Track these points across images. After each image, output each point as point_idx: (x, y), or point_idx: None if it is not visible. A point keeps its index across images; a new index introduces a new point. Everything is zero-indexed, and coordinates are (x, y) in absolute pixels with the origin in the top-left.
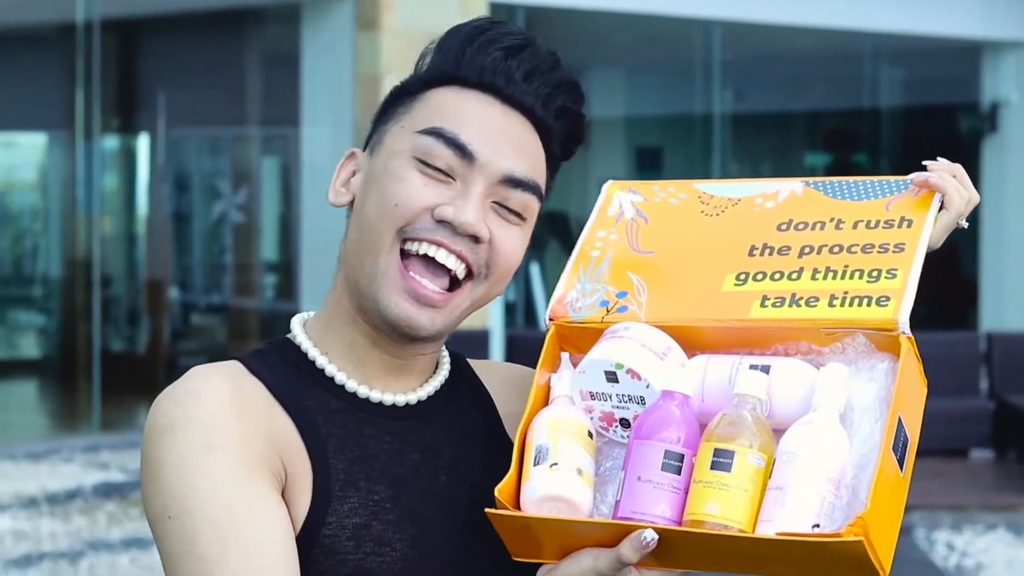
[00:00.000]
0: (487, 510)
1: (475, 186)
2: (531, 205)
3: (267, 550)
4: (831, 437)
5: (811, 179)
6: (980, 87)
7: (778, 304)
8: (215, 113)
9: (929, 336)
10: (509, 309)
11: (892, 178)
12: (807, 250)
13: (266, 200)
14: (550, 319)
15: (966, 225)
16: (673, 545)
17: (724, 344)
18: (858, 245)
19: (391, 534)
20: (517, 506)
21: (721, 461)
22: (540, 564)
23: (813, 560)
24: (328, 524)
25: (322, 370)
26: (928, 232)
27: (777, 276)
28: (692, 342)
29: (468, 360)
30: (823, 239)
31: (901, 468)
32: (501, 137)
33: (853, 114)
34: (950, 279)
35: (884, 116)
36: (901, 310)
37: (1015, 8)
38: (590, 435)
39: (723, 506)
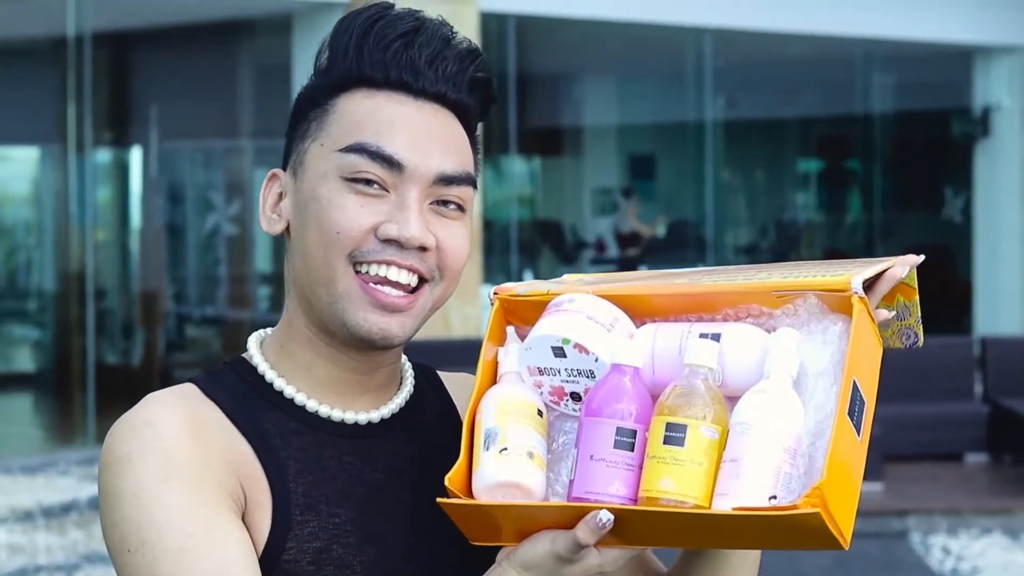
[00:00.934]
0: (439, 500)
1: (410, 194)
2: (467, 195)
3: None
4: (785, 405)
5: (764, 265)
6: (972, 92)
7: (728, 280)
8: (208, 125)
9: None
10: None
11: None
12: (766, 270)
13: (259, 212)
14: (494, 294)
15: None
16: (630, 523)
17: (673, 311)
18: (821, 267)
19: (352, 557)
20: (469, 493)
21: (674, 436)
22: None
23: (772, 532)
24: (288, 550)
25: (280, 392)
26: (891, 261)
27: (732, 274)
28: (640, 311)
29: (439, 373)
30: (782, 271)
31: (858, 433)
32: (424, 137)
33: (846, 120)
34: (944, 284)
35: (876, 122)
36: (856, 276)
37: (1006, 13)
38: (540, 413)
39: (678, 482)
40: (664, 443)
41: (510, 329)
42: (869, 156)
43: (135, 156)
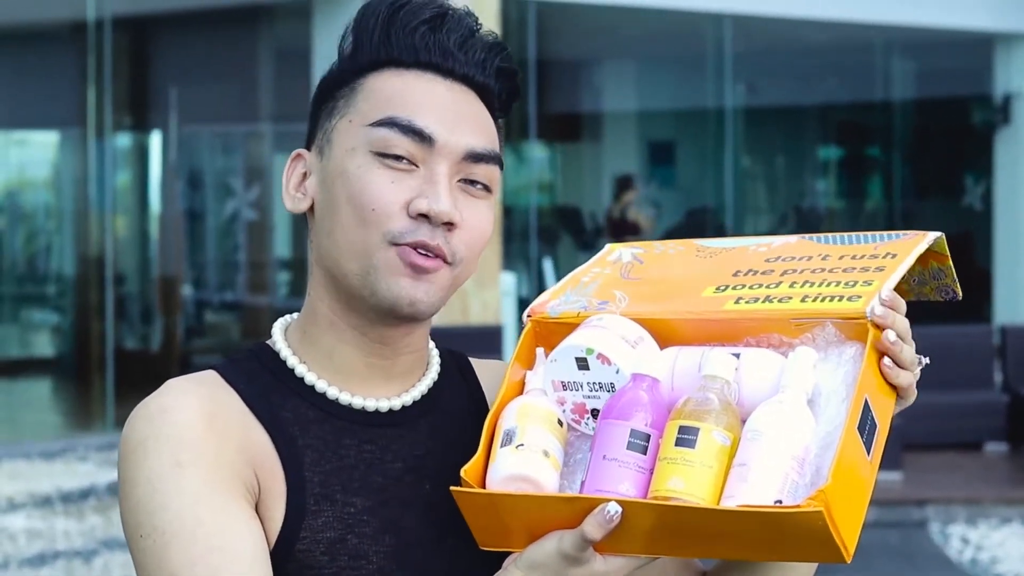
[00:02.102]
0: (452, 488)
1: (439, 169)
2: (495, 175)
3: (237, 565)
4: (796, 416)
5: (809, 234)
6: (992, 79)
7: (751, 302)
8: (227, 110)
9: (943, 329)
10: (522, 304)
11: (887, 232)
12: (789, 271)
13: (279, 197)
14: (528, 316)
15: (926, 360)
16: (635, 523)
17: (696, 338)
18: (840, 269)
19: (367, 546)
20: (483, 487)
21: (685, 438)
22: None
23: (775, 536)
24: (302, 539)
25: (301, 378)
26: (911, 261)
27: (756, 286)
28: (666, 337)
29: (472, 360)
30: (808, 266)
31: (868, 452)
32: (454, 114)
33: (865, 107)
34: (963, 272)
35: (897, 109)
36: (871, 303)
37: None
38: (560, 423)
39: (687, 482)
40: (676, 445)
41: (539, 350)
42: (889, 143)
43: (155, 141)
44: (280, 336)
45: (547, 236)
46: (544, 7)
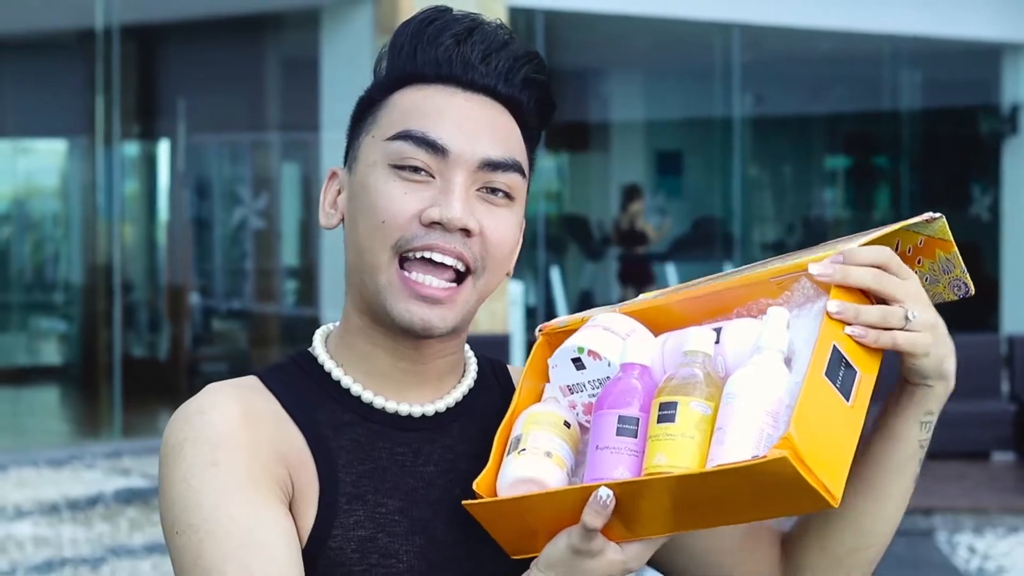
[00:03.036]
0: (464, 502)
1: (455, 179)
2: (516, 183)
3: (269, 562)
4: (768, 372)
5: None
6: (1000, 89)
7: (736, 273)
8: (235, 119)
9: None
10: (530, 313)
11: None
12: (791, 257)
13: (286, 206)
14: (539, 331)
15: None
16: (631, 504)
17: (692, 318)
18: (830, 246)
19: (398, 545)
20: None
21: (666, 413)
22: None
23: (758, 492)
24: (333, 537)
25: (338, 382)
26: (894, 228)
27: (747, 270)
28: (662, 322)
29: (509, 367)
30: (808, 253)
31: (847, 398)
32: (470, 124)
33: (873, 117)
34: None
35: (904, 119)
36: (843, 247)
37: None
38: (567, 424)
39: (669, 455)
40: (658, 422)
41: (550, 361)
42: (897, 153)
43: (163, 149)
44: (320, 343)
45: (555, 245)
46: (552, 17)
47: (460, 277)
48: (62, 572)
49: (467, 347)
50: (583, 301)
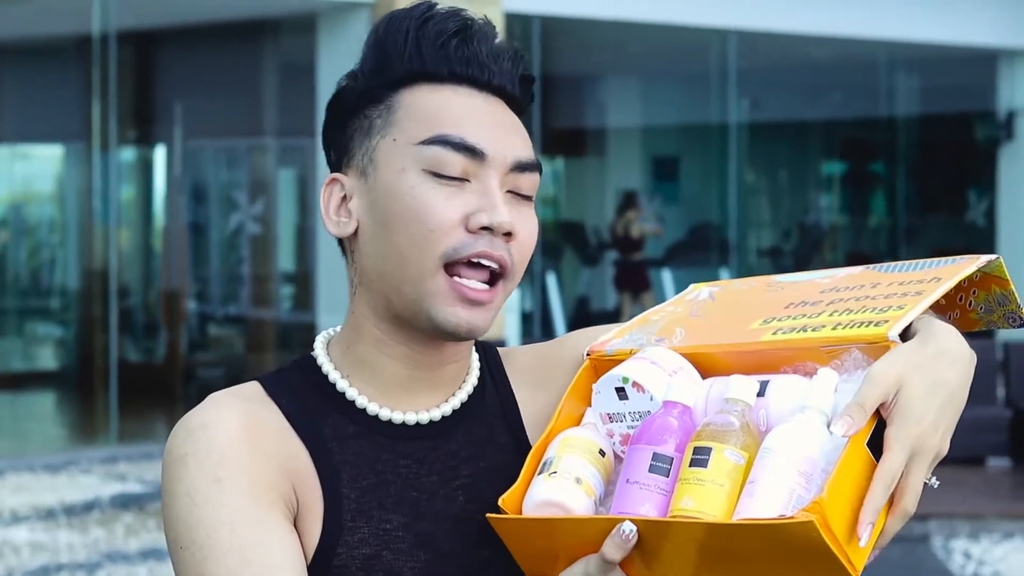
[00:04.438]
0: (488, 515)
1: (491, 182)
2: (536, 182)
3: None
4: (808, 432)
5: (877, 264)
6: (996, 95)
7: (787, 332)
8: (231, 124)
9: None
10: (526, 318)
11: (946, 258)
12: (836, 300)
13: (283, 211)
14: (587, 354)
15: (935, 483)
16: (653, 543)
17: (737, 370)
18: (883, 295)
19: (402, 563)
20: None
21: (699, 458)
22: None
23: (779, 552)
24: (338, 555)
25: (342, 393)
26: (950, 285)
27: (798, 316)
28: (709, 369)
29: (500, 352)
30: (854, 295)
31: None
32: (498, 127)
33: (869, 123)
34: None
35: (900, 125)
36: (895, 327)
37: None
38: (602, 453)
39: (697, 500)
40: (690, 465)
41: (595, 386)
42: (893, 159)
43: (159, 154)
44: (322, 350)
45: (551, 251)
46: (548, 22)
47: (493, 279)
48: None
49: (474, 351)
50: (579, 307)
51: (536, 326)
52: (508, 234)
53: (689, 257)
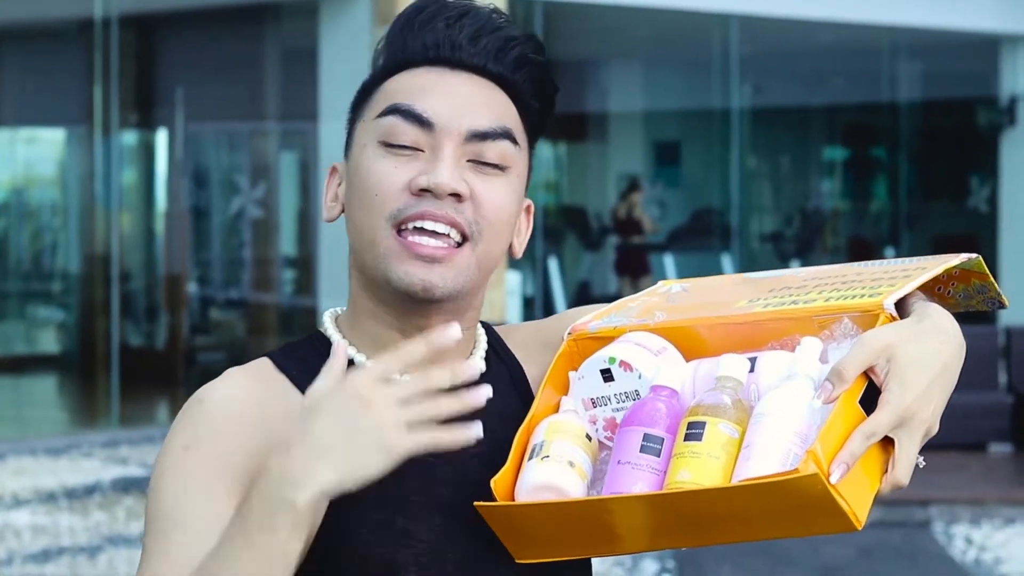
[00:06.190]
0: (476, 503)
1: (443, 149)
2: (507, 151)
3: (189, 543)
4: (800, 396)
5: (857, 263)
6: (999, 81)
7: (776, 306)
8: (233, 108)
9: None
10: (527, 303)
11: (935, 256)
12: (822, 285)
13: (284, 195)
14: (568, 334)
15: (922, 463)
16: (652, 516)
17: (723, 346)
18: (870, 280)
19: (417, 525)
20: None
21: (693, 432)
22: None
23: (781, 509)
24: (349, 520)
25: (351, 359)
26: (938, 270)
27: (784, 296)
28: (693, 347)
29: (497, 329)
30: (841, 281)
31: None
32: (457, 99)
33: (871, 108)
34: None
35: (903, 110)
36: (891, 297)
37: None
38: (588, 438)
39: (694, 472)
40: (684, 440)
41: (572, 374)
42: (895, 145)
43: (161, 138)
44: (330, 323)
45: (553, 235)
46: (551, 7)
47: (458, 244)
48: (59, 561)
49: (479, 326)
50: (581, 291)
51: (538, 310)
52: (457, 196)
53: (691, 242)
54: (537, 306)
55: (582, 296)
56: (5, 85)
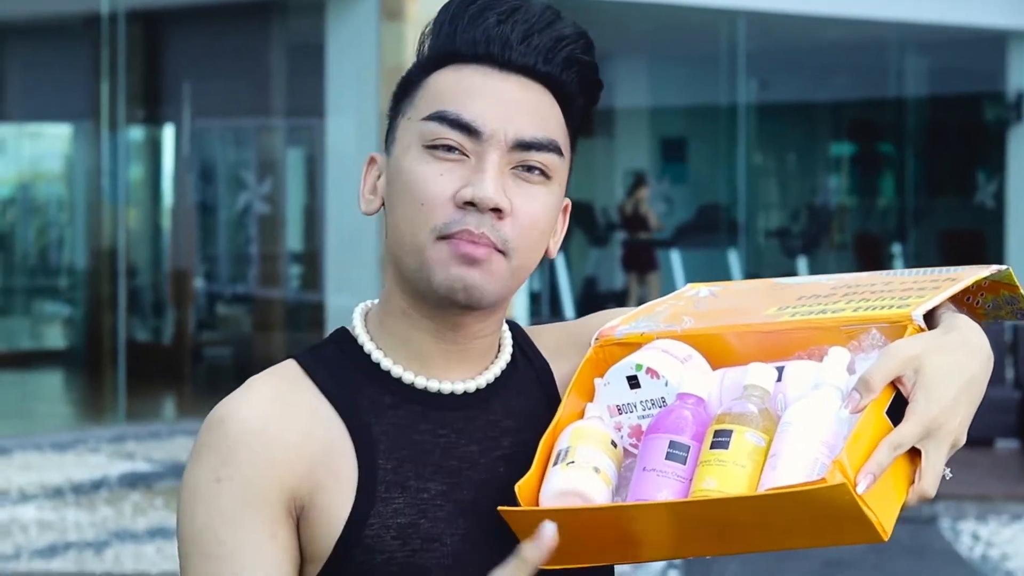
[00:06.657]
0: (500, 508)
1: (488, 158)
2: (552, 162)
3: None
4: (827, 406)
5: (885, 271)
6: (1006, 76)
7: (805, 315)
8: (240, 104)
9: None
10: (534, 298)
11: (958, 267)
12: (851, 293)
13: (291, 191)
14: (595, 339)
15: (949, 475)
16: (677, 525)
17: (749, 354)
18: (899, 290)
19: (441, 529)
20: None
21: (720, 440)
22: None
23: (807, 518)
24: (370, 525)
25: (377, 364)
26: (968, 281)
27: (814, 304)
28: (720, 355)
29: (526, 330)
30: (870, 290)
31: None
32: (505, 105)
33: (878, 104)
34: None
35: (910, 106)
36: (920, 308)
37: None
38: (613, 444)
39: (720, 480)
40: (711, 448)
41: (598, 381)
42: (902, 140)
43: (167, 134)
44: (360, 322)
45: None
46: (557, 2)
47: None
48: (66, 556)
49: (504, 325)
50: (587, 287)
51: (545, 306)
52: (497, 211)
53: (698, 238)
54: (544, 302)
55: (589, 292)
56: (12, 81)
